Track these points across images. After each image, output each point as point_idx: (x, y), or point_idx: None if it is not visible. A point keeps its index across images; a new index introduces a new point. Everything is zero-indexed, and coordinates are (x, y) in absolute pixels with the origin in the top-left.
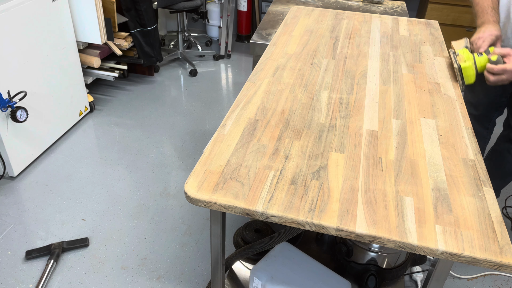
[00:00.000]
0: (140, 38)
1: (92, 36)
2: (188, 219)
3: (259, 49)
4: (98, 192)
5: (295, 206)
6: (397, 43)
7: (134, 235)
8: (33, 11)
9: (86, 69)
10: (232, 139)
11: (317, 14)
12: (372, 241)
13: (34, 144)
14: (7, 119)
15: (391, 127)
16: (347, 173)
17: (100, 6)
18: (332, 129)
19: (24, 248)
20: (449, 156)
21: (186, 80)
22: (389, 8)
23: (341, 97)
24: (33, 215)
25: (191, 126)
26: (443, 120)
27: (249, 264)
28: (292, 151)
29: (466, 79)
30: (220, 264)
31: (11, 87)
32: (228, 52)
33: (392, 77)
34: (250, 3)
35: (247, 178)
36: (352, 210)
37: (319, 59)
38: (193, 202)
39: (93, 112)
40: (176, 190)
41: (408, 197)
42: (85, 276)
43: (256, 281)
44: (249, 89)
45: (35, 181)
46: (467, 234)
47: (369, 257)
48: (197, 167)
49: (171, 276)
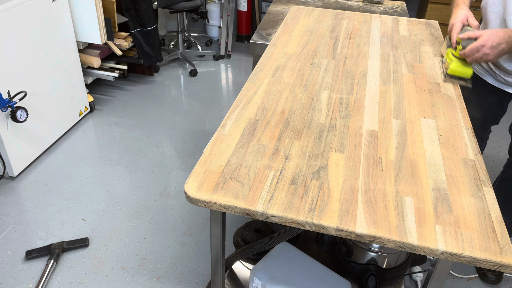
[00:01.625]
0: (140, 38)
1: (92, 36)
2: (188, 219)
3: (259, 49)
4: (98, 192)
5: (295, 206)
6: (397, 43)
7: (134, 235)
8: (33, 11)
9: (86, 69)
10: (232, 139)
11: (317, 14)
12: (372, 241)
13: (34, 144)
14: (7, 119)
15: (391, 127)
16: (347, 173)
17: (100, 6)
18: (332, 129)
19: (24, 248)
20: (449, 156)
21: (186, 80)
22: (389, 8)
23: (341, 97)
24: (33, 215)
25: (191, 126)
26: (443, 120)
27: (249, 264)
28: (292, 151)
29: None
30: (220, 264)
31: (11, 87)
32: (228, 52)
33: (392, 77)
34: (250, 3)
35: (247, 178)
36: (352, 210)
37: (319, 59)
38: (193, 202)
39: (93, 112)
40: (176, 190)
41: (408, 197)
42: (85, 276)
43: (256, 281)
44: (249, 89)
45: (35, 181)
46: (467, 234)
47: (369, 257)
48: (197, 167)
49: (171, 276)
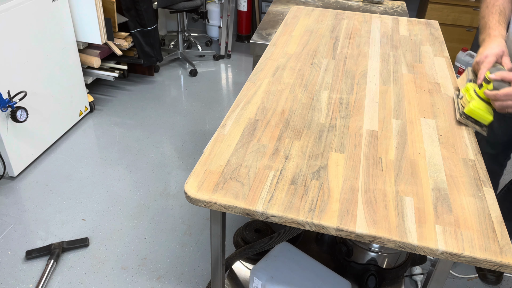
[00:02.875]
0: (140, 38)
1: (92, 36)
2: (188, 219)
3: (259, 49)
4: (98, 192)
5: (295, 206)
6: (397, 43)
7: (134, 235)
8: (33, 11)
9: (86, 69)
10: (232, 139)
11: (317, 14)
12: (372, 241)
13: (34, 144)
14: (7, 119)
15: (391, 127)
16: (347, 173)
17: (100, 6)
18: (332, 129)
19: (24, 248)
20: (449, 156)
21: (186, 80)
22: (389, 8)
23: (341, 97)
24: (33, 215)
25: (191, 126)
26: (443, 120)
27: (249, 264)
28: (292, 151)
29: (481, 120)
30: (220, 264)
31: (11, 87)
32: (228, 52)
33: (392, 77)
34: (250, 3)
35: (247, 178)
36: (352, 210)
37: (319, 59)
38: (193, 202)
39: (93, 112)
40: (176, 190)
41: (408, 197)
42: (85, 276)
43: (256, 281)
44: (249, 89)
45: (35, 181)
46: (467, 234)
47: (369, 257)
48: (197, 167)
49: (171, 276)
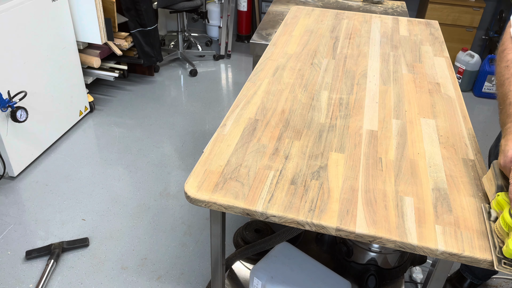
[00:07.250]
0: (140, 38)
1: (92, 36)
2: (188, 219)
3: (259, 49)
4: (98, 192)
5: (295, 206)
6: (397, 43)
7: (134, 235)
8: (33, 11)
9: (86, 69)
10: (232, 139)
11: (317, 14)
12: (372, 241)
13: (34, 144)
14: (7, 119)
15: (391, 127)
16: (347, 173)
17: (100, 6)
18: (332, 129)
19: (24, 248)
20: (449, 156)
21: (186, 80)
22: (389, 8)
23: (341, 97)
24: (33, 215)
25: (191, 126)
26: (443, 120)
27: (249, 264)
28: (292, 151)
29: None
30: (220, 264)
31: (11, 87)
32: (228, 52)
33: (392, 77)
34: (250, 3)
35: (247, 178)
36: (352, 210)
37: (319, 59)
38: (193, 202)
39: (93, 112)
40: (176, 190)
41: (408, 197)
42: (85, 276)
43: (256, 281)
44: (249, 89)
45: (35, 181)
46: (467, 234)
47: (369, 257)
48: (197, 167)
49: (171, 276)
